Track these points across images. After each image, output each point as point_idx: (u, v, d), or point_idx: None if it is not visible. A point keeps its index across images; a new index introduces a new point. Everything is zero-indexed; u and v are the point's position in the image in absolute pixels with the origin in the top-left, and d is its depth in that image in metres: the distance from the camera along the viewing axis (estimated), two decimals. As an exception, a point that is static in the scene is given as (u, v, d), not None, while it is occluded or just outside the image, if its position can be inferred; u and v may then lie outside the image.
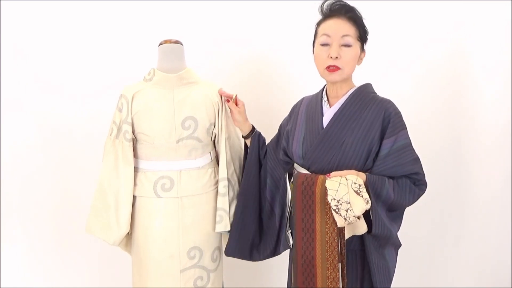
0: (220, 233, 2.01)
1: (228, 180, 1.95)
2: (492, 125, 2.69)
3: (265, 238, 1.95)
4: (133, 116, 1.89)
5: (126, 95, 1.90)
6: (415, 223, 2.59)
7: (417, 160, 1.71)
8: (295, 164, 1.83)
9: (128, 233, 1.94)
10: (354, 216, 1.55)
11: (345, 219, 1.56)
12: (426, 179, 1.75)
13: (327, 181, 1.60)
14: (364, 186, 1.58)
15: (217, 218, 1.93)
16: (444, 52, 2.58)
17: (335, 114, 1.72)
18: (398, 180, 1.67)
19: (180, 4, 2.39)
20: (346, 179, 1.58)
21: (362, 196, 1.55)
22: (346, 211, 1.55)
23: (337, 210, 1.56)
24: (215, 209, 1.97)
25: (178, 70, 1.92)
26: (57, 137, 2.46)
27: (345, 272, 1.65)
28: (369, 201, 1.56)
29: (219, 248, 2.01)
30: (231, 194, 1.97)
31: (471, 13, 2.56)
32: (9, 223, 2.50)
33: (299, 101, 1.93)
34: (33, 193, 2.50)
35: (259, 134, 1.99)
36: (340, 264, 1.64)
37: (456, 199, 2.72)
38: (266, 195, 1.94)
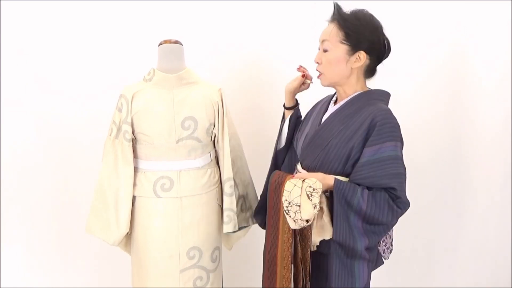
0: (220, 233, 2.01)
1: (234, 180, 1.95)
2: (492, 125, 2.69)
3: None
4: (133, 116, 1.89)
5: (125, 95, 1.89)
6: (414, 224, 2.60)
7: (398, 175, 1.58)
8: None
9: (128, 233, 1.94)
10: (301, 219, 1.53)
11: (294, 221, 1.54)
12: (426, 180, 1.72)
13: (286, 182, 1.59)
14: (318, 191, 1.53)
15: (225, 219, 1.91)
16: (445, 52, 2.58)
17: (331, 115, 1.72)
18: (375, 193, 1.57)
19: (180, 4, 2.39)
20: (303, 181, 1.55)
21: (311, 200, 1.52)
22: (295, 213, 1.53)
23: (287, 212, 1.55)
24: (215, 209, 1.97)
25: (178, 70, 1.91)
26: (57, 137, 2.46)
27: (301, 274, 1.63)
28: (317, 206, 1.52)
29: (218, 248, 2.01)
30: (236, 193, 1.97)
31: (472, 14, 2.56)
32: (9, 223, 2.50)
33: (324, 97, 1.90)
34: (33, 193, 2.50)
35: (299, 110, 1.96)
36: (292, 265, 1.64)
37: (456, 200, 2.72)
38: None
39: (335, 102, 1.77)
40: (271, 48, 2.47)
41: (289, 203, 1.54)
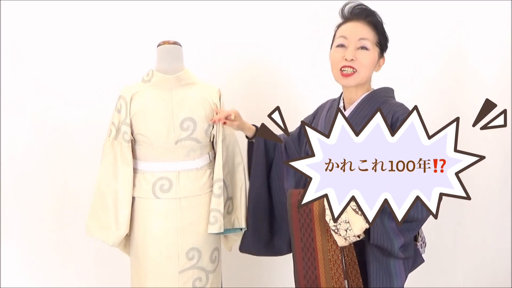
0: (219, 234, 2.01)
1: (223, 181, 1.94)
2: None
3: (276, 236, 1.93)
4: (132, 117, 1.89)
5: (124, 96, 1.89)
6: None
7: None
8: None
9: (127, 234, 1.94)
10: (354, 235, 1.49)
11: (345, 238, 1.50)
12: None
13: (324, 200, 1.52)
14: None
15: (211, 220, 1.90)
16: (445, 53, 2.58)
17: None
18: None
19: (179, 5, 2.39)
20: None
21: (361, 215, 1.47)
22: (346, 230, 1.49)
23: (336, 231, 1.50)
24: (214, 210, 1.97)
25: (177, 71, 1.91)
26: (56, 138, 2.46)
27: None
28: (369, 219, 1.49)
29: (217, 249, 2.01)
30: (225, 195, 1.95)
31: (471, 14, 2.56)
32: (9, 224, 2.51)
33: (324, 103, 1.87)
34: (33, 194, 2.50)
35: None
36: (346, 281, 1.58)
37: (455, 200, 2.71)
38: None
39: (344, 106, 1.72)
40: (270, 49, 2.47)
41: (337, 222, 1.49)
